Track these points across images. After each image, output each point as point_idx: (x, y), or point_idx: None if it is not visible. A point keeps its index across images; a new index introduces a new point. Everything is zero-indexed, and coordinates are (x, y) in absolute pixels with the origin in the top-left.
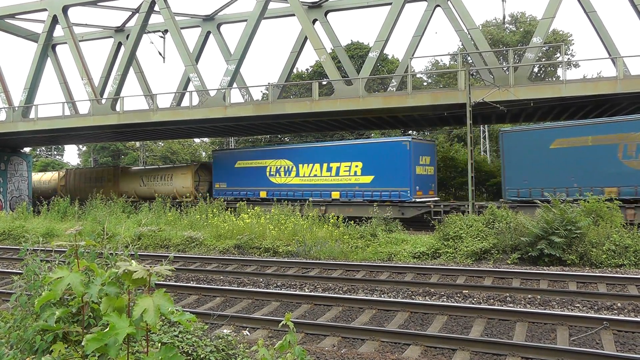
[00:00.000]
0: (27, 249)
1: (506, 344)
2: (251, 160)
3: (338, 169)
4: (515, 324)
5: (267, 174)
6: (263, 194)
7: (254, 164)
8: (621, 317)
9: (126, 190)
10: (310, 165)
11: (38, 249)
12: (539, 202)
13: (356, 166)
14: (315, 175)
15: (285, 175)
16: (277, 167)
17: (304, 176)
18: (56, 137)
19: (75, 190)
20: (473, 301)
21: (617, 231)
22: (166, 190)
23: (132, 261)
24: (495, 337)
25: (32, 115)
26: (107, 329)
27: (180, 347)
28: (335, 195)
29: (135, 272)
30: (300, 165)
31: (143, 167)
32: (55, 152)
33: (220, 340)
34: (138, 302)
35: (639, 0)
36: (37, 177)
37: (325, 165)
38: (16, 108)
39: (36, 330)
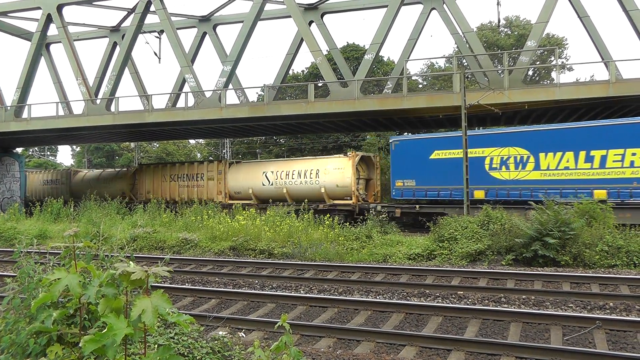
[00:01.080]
0: (21, 251)
1: (501, 344)
2: (458, 150)
3: (604, 158)
4: (509, 324)
5: (487, 167)
6: (479, 194)
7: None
8: (613, 317)
9: (238, 190)
10: (559, 154)
11: (32, 251)
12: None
13: (633, 154)
14: (566, 168)
15: (517, 168)
16: (503, 158)
17: (547, 169)
18: (49, 137)
19: (156, 190)
20: (468, 302)
21: (610, 232)
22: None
23: (130, 262)
24: (489, 337)
25: (24, 115)
26: (105, 330)
27: (176, 348)
28: (600, 194)
29: (134, 273)
30: (542, 155)
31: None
32: (48, 153)
33: (216, 341)
34: (136, 303)
35: (631, 6)
36: (92, 174)
37: (582, 153)
38: (8, 107)
39: (30, 333)
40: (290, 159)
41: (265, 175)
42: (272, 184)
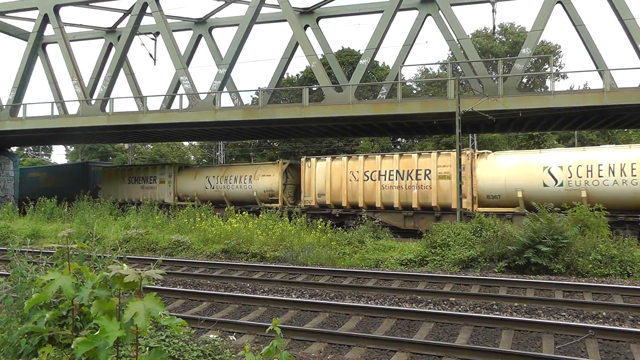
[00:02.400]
0: (15, 250)
1: (492, 352)
2: None
3: None
4: (501, 332)
5: None
6: None
7: None
8: (606, 326)
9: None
10: None
11: (25, 251)
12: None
13: None
14: None
15: None
16: None
17: None
18: (44, 137)
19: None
20: (460, 309)
21: (603, 241)
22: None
23: (124, 264)
24: (481, 344)
25: (20, 114)
26: (97, 332)
27: (167, 351)
28: None
29: (127, 275)
30: None
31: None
32: (42, 152)
33: (207, 345)
34: (129, 306)
35: (626, 15)
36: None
37: None
38: (4, 107)
39: (22, 334)
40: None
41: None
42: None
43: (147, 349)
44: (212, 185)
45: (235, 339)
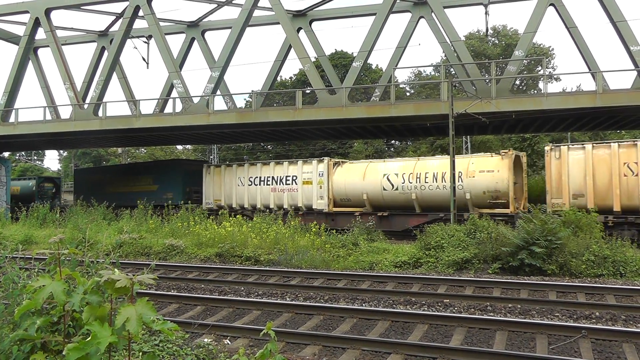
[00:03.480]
0: (6, 256)
1: (486, 352)
2: None
3: None
4: (495, 333)
5: None
6: None
7: None
8: (599, 326)
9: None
10: None
11: (17, 256)
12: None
13: None
14: None
15: None
16: None
17: None
18: (36, 142)
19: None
20: (454, 310)
21: (596, 242)
22: None
23: (115, 269)
24: (475, 345)
25: (11, 119)
26: (89, 338)
27: (161, 356)
28: None
29: (118, 280)
30: None
31: None
32: (35, 157)
33: (201, 349)
34: (120, 311)
35: (618, 17)
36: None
37: None
38: None
39: (13, 341)
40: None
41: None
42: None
43: (141, 354)
44: (394, 186)
45: (229, 342)
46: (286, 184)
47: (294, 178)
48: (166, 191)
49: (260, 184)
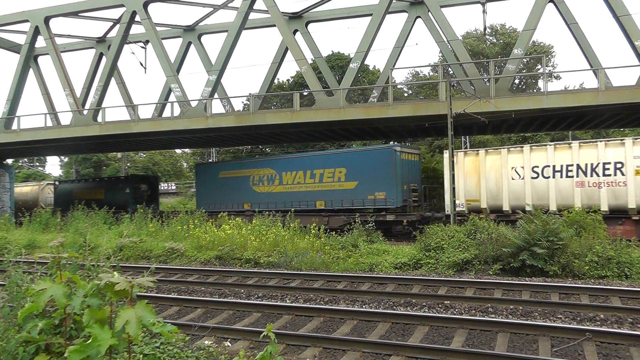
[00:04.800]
0: (10, 261)
1: (488, 355)
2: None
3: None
4: (497, 335)
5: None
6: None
7: None
8: (604, 329)
9: None
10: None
11: (21, 260)
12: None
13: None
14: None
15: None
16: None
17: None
18: (38, 148)
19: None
20: (454, 312)
21: (599, 242)
22: None
23: (115, 273)
24: (476, 347)
25: (14, 126)
26: (90, 340)
27: (161, 358)
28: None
29: (118, 283)
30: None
31: None
32: (37, 164)
33: (201, 351)
34: (120, 314)
35: (621, 11)
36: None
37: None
38: None
39: (19, 342)
40: None
41: None
42: None
43: (142, 356)
44: None
45: (230, 344)
46: (604, 174)
47: (619, 166)
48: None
49: (553, 176)
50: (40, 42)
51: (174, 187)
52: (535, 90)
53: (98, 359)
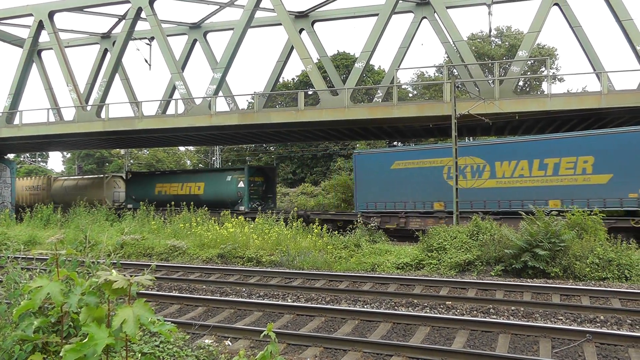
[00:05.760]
0: (8, 257)
1: (489, 356)
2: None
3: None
4: (498, 336)
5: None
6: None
7: None
8: (604, 330)
9: None
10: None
11: (19, 257)
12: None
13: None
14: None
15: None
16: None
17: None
18: (40, 143)
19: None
20: (456, 312)
21: (600, 244)
22: None
23: (113, 270)
24: (478, 348)
25: (16, 121)
26: (86, 339)
27: (161, 357)
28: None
29: (116, 281)
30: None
31: None
32: (39, 159)
33: (201, 350)
34: (118, 313)
35: (624, 15)
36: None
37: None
38: (0, 114)
39: (15, 340)
40: None
41: None
42: None
43: (140, 355)
44: None
45: (230, 344)
46: None
47: None
48: None
49: None
50: (44, 36)
51: None
52: (539, 93)
53: (94, 359)
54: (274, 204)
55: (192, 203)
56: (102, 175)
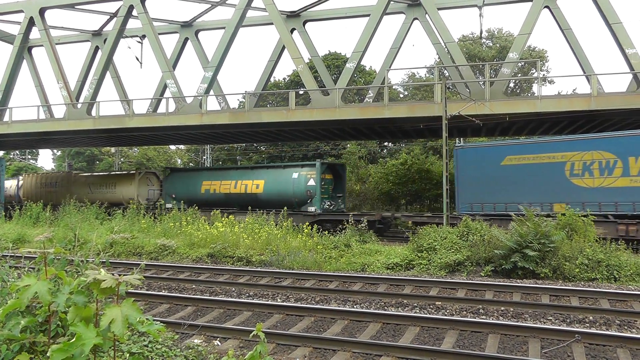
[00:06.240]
0: None
1: (478, 356)
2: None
3: None
4: (487, 336)
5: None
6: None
7: None
8: (593, 330)
9: None
10: None
11: (7, 255)
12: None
13: None
14: None
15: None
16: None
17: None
18: (30, 140)
19: None
20: (446, 313)
21: (590, 245)
22: None
23: (101, 269)
24: (467, 348)
25: (6, 118)
26: (74, 339)
27: (149, 357)
28: None
29: (104, 281)
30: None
31: None
32: (29, 157)
33: (190, 350)
34: (106, 312)
35: (613, 19)
36: None
37: None
38: None
39: (2, 340)
40: None
41: None
42: None
43: (129, 355)
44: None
45: (219, 343)
46: None
47: None
48: None
49: None
50: (35, 33)
51: None
52: (529, 94)
53: (82, 359)
54: (343, 204)
55: (250, 204)
56: (133, 172)
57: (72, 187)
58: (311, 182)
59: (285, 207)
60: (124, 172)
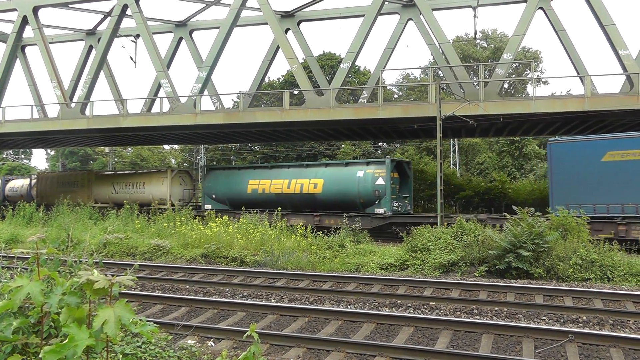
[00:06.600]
0: None
1: (472, 356)
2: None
3: None
4: (481, 336)
5: None
6: None
7: None
8: (586, 330)
9: None
10: None
11: (0, 255)
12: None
13: None
14: None
15: None
16: None
17: None
18: (24, 140)
19: None
20: (440, 313)
21: (584, 246)
22: None
23: (95, 270)
24: (461, 348)
25: None
26: (67, 340)
27: (143, 358)
28: None
29: (97, 281)
30: None
31: None
32: (22, 156)
33: (184, 351)
34: (99, 313)
35: (607, 20)
36: None
37: None
38: None
39: None
40: None
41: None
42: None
43: (122, 356)
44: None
45: (213, 344)
46: None
47: None
48: None
49: None
50: (28, 32)
51: None
52: (523, 95)
53: None
54: (410, 205)
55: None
56: (164, 170)
57: (93, 187)
58: (380, 181)
59: (345, 209)
60: (153, 170)
